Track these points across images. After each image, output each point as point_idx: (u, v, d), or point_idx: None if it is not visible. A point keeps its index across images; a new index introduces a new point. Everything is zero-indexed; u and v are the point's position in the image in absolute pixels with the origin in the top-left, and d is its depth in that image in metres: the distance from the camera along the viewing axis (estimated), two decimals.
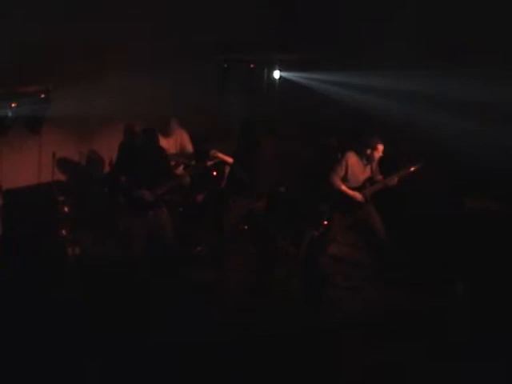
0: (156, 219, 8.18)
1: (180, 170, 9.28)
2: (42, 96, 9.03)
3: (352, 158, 8.55)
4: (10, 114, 8.81)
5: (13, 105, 8.76)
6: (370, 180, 8.62)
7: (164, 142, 9.21)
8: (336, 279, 8.35)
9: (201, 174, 9.35)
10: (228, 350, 6.43)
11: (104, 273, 8.36)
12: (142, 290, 7.74)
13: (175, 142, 9.54)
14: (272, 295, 7.69)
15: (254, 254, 8.61)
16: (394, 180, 8.44)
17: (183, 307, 7.41)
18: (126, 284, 7.83)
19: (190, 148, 9.62)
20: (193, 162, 9.18)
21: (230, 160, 9.18)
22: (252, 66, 10.82)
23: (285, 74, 10.93)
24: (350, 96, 9.98)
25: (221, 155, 9.16)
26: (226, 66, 10.66)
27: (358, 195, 8.46)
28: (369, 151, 8.47)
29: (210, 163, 8.97)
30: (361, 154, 8.53)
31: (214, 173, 9.67)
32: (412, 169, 8.43)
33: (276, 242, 7.69)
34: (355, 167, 8.54)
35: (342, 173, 8.49)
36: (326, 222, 10.16)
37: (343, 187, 8.47)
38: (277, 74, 10.94)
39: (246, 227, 9.92)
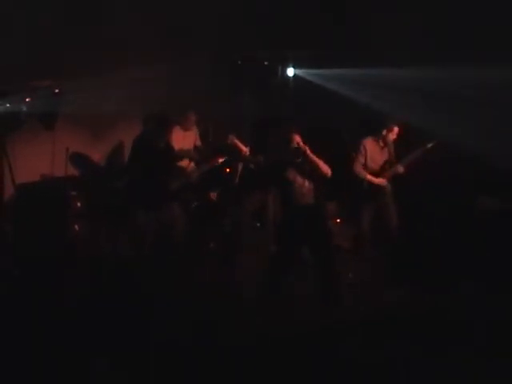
0: (168, 214, 8.20)
1: (191, 166, 9.30)
2: (56, 91, 9.07)
3: (369, 143, 8.71)
4: (23, 108, 8.86)
5: (27, 99, 8.81)
6: (389, 163, 8.74)
7: (182, 136, 9.25)
8: (348, 276, 8.34)
9: (213, 171, 9.40)
10: (231, 349, 6.42)
11: (116, 268, 8.39)
12: (152, 287, 7.76)
13: (194, 136, 9.56)
14: (282, 294, 7.63)
15: (266, 252, 8.54)
16: (417, 154, 8.59)
17: (193, 305, 7.41)
18: (137, 280, 7.85)
19: (199, 143, 9.63)
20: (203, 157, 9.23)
21: (244, 149, 9.18)
22: (266, 63, 10.80)
23: (299, 72, 10.89)
24: (363, 93, 9.91)
25: (237, 142, 9.17)
26: (239, 63, 10.65)
27: (382, 181, 8.65)
28: (384, 132, 8.61)
29: (220, 161, 8.99)
30: (377, 136, 8.67)
31: (227, 169, 9.69)
32: (429, 145, 8.50)
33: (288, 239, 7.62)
34: (373, 152, 8.71)
35: (363, 160, 8.67)
36: (338, 220, 10.20)
37: (368, 176, 8.65)
38: (291, 72, 10.91)
39: (258, 224, 9.95)
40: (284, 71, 10.91)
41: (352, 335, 6.71)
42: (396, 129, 8.61)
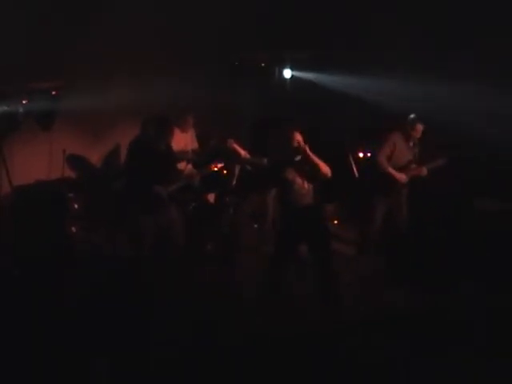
0: (166, 216, 8.17)
1: (189, 168, 9.28)
2: (53, 93, 9.05)
3: (397, 137, 8.51)
4: (21, 110, 8.83)
5: (24, 101, 8.79)
6: (412, 163, 8.59)
7: (180, 138, 9.22)
8: (346, 278, 8.34)
9: (211, 173, 9.39)
10: (232, 350, 6.41)
11: (113, 270, 8.37)
12: (151, 288, 7.75)
13: (191, 137, 9.54)
14: (282, 294, 7.61)
15: (265, 252, 8.52)
16: (442, 162, 8.53)
17: (192, 306, 7.40)
18: (135, 282, 7.83)
19: (196, 145, 9.62)
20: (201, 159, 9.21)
21: (243, 153, 9.18)
22: (263, 64, 10.80)
23: (296, 73, 10.89)
24: (361, 95, 9.91)
25: (236, 146, 9.17)
26: (237, 64, 10.64)
27: (403, 177, 8.48)
28: (408, 128, 8.43)
29: (219, 166, 8.99)
30: (405, 133, 8.47)
31: (225, 171, 9.68)
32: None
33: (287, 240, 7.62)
34: (401, 147, 8.52)
35: (389, 152, 8.46)
36: (336, 221, 10.22)
37: (390, 169, 8.44)
38: (288, 73, 10.90)
39: (255, 225, 9.96)
40: (281, 72, 10.91)
41: (352, 335, 6.72)
42: (420, 127, 8.42)
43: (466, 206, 8.78)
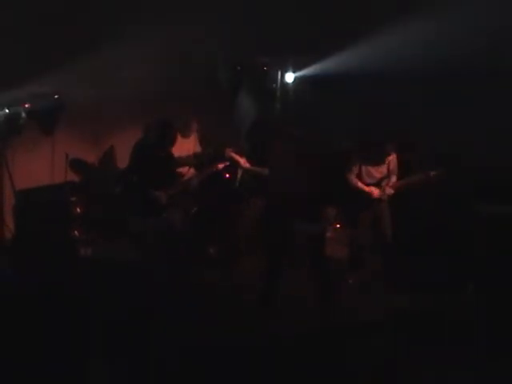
0: (168, 220, 8.19)
1: (191, 171, 9.29)
2: (56, 96, 9.09)
3: (361, 157, 8.60)
4: (23, 114, 8.88)
5: (26, 105, 8.83)
6: (387, 179, 8.62)
7: (183, 143, 9.24)
8: (348, 281, 8.37)
9: (213, 177, 9.40)
10: (233, 351, 6.42)
11: (116, 274, 8.38)
12: (152, 291, 7.76)
13: (194, 142, 9.56)
14: (282, 298, 7.63)
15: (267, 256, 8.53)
16: (417, 180, 8.49)
17: (194, 309, 7.40)
18: (137, 285, 7.84)
19: (198, 150, 9.63)
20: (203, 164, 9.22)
21: (242, 161, 9.18)
22: (265, 68, 10.79)
23: (299, 76, 10.87)
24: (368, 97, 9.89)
25: (234, 155, 9.17)
26: (239, 68, 10.65)
27: (374, 191, 8.52)
28: (379, 150, 8.50)
29: (220, 166, 8.99)
30: (373, 154, 8.55)
31: (227, 175, 9.69)
32: (432, 173, 8.39)
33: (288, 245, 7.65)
34: (369, 167, 8.58)
35: (356, 170, 8.57)
36: (338, 225, 10.21)
37: (359, 184, 8.55)
38: (290, 77, 10.88)
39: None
40: (284, 76, 10.89)
41: (352, 336, 6.72)
42: (393, 157, 8.54)
43: (466, 211, 8.77)
